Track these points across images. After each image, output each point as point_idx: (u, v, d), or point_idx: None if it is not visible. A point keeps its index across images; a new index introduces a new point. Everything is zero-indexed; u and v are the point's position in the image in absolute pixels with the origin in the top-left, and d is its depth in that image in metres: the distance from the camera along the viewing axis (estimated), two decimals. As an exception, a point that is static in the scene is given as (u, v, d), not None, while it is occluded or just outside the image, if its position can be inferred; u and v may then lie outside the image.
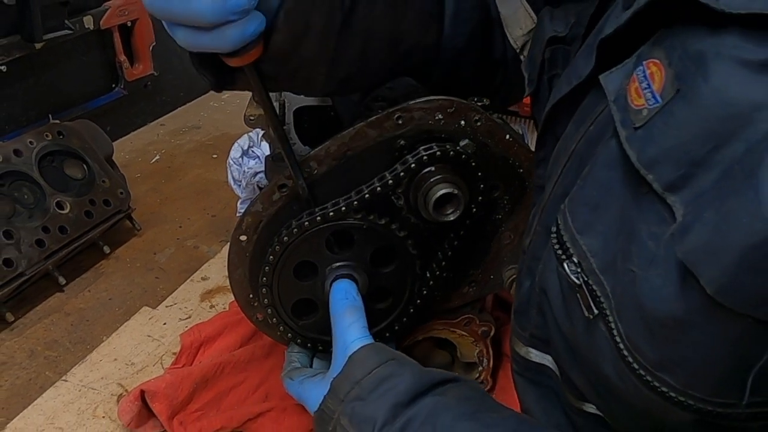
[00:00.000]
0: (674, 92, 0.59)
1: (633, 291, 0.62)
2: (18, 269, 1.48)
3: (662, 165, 0.59)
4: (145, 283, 1.65)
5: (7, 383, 1.34)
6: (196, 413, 1.22)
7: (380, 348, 0.99)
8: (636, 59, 0.66)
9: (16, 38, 1.85)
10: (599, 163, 0.71)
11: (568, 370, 0.82)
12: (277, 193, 1.02)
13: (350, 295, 1.05)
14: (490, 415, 0.86)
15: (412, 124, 1.02)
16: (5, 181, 1.55)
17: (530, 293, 0.88)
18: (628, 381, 0.66)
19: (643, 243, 0.61)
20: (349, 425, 0.91)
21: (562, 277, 0.74)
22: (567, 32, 0.96)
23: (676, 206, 0.57)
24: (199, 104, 2.70)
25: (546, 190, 0.85)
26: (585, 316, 0.70)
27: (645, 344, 0.63)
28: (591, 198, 0.71)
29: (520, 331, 0.92)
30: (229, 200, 1.91)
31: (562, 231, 0.73)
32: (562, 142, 0.83)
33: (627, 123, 0.64)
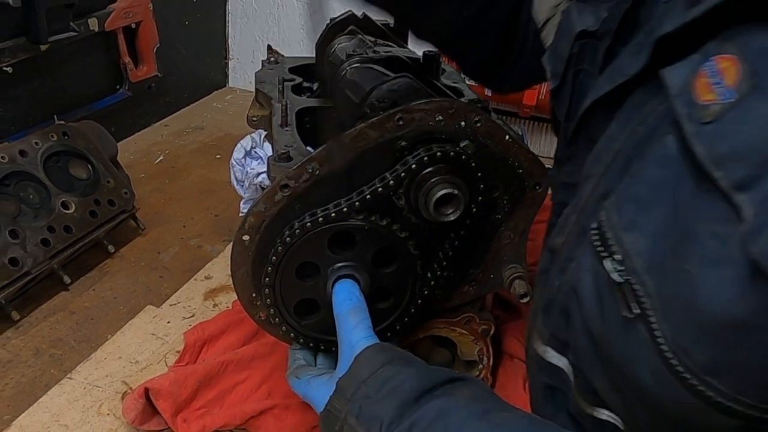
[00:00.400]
0: (750, 88, 0.58)
1: (687, 291, 0.61)
2: (23, 268, 1.48)
3: (733, 162, 0.58)
4: (149, 282, 1.65)
5: (13, 381, 1.34)
6: (199, 411, 1.22)
7: (386, 347, 0.98)
8: (703, 55, 0.65)
9: (22, 40, 1.85)
10: (651, 160, 0.70)
11: (589, 372, 0.81)
12: (280, 194, 1.02)
13: (353, 295, 1.04)
14: (499, 415, 0.85)
15: (413, 125, 1.01)
16: (11, 181, 1.55)
17: (558, 293, 0.88)
18: (668, 384, 0.65)
19: (702, 242, 0.60)
20: (356, 424, 0.90)
21: (600, 275, 0.73)
22: (597, 27, 0.94)
23: (744, 205, 0.56)
24: (202, 105, 2.70)
25: (583, 189, 0.84)
26: (623, 316, 0.69)
27: (695, 347, 0.62)
28: (640, 195, 0.70)
29: (543, 329, 0.92)
30: (232, 200, 1.91)
31: (605, 228, 0.72)
32: (604, 140, 0.82)
33: (693, 118, 0.63)
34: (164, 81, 2.47)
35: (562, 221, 0.89)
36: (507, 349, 1.36)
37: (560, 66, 0.99)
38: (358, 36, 1.32)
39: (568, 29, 0.99)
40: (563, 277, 0.86)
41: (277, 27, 2.75)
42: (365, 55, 1.23)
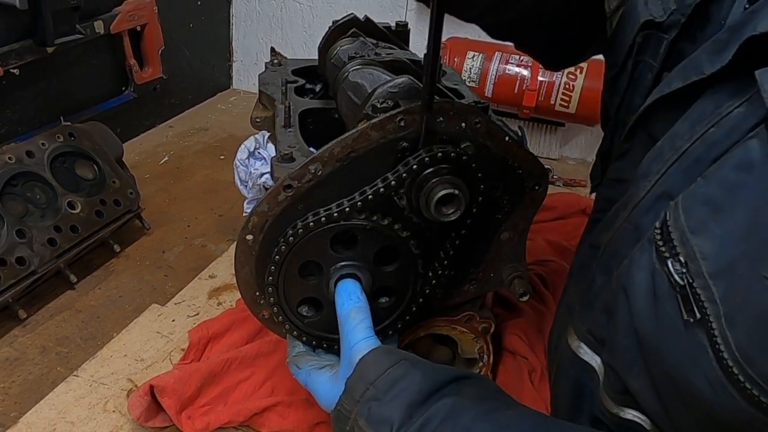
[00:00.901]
0: None
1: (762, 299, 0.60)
2: (30, 267, 1.48)
3: None
4: (155, 280, 1.65)
5: (20, 378, 1.34)
6: (203, 408, 1.22)
7: (391, 350, 0.99)
8: None
9: (29, 42, 1.85)
10: (729, 164, 0.68)
11: (625, 372, 0.80)
12: (283, 194, 1.02)
13: (355, 295, 1.04)
14: (506, 414, 0.85)
15: (414, 126, 1.01)
16: (18, 182, 1.55)
17: (602, 289, 0.86)
18: (723, 392, 0.64)
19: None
20: (366, 426, 0.90)
21: (660, 276, 0.71)
22: (665, 18, 0.92)
23: None
24: (206, 107, 2.70)
25: (638, 187, 0.83)
26: (683, 320, 0.67)
27: (763, 356, 0.60)
28: (713, 197, 0.68)
29: (580, 324, 0.91)
30: (235, 200, 1.91)
31: (671, 228, 0.71)
32: (668, 139, 0.80)
33: None
34: (169, 83, 2.47)
35: (610, 217, 0.87)
36: (507, 346, 1.36)
37: (620, 55, 0.97)
38: (360, 38, 1.32)
39: (633, 18, 0.97)
40: (608, 274, 0.85)
41: (280, 30, 2.75)
42: (367, 58, 1.23)
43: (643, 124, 0.89)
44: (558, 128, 2.43)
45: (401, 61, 1.22)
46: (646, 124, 0.89)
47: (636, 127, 0.90)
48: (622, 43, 0.98)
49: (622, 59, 0.97)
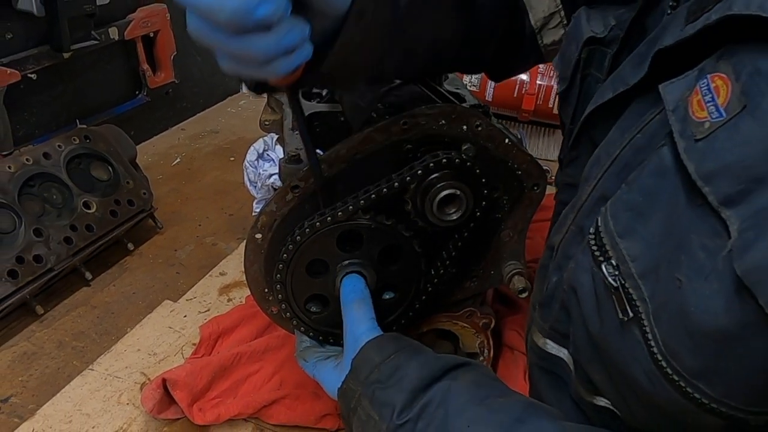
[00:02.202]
0: (740, 108, 0.57)
1: (678, 299, 0.61)
2: (47, 265, 1.48)
3: (721, 179, 0.57)
4: (167, 278, 1.65)
5: (38, 372, 1.34)
6: (214, 400, 1.22)
7: (396, 336, 1.00)
8: (699, 72, 0.64)
9: (46, 48, 1.85)
10: (648, 170, 0.69)
11: (586, 366, 0.81)
12: (291, 194, 1.02)
13: (358, 288, 1.05)
14: (497, 401, 0.85)
15: (417, 129, 1.01)
16: (35, 183, 1.56)
17: (556, 289, 0.87)
18: (659, 385, 0.65)
19: (693, 253, 0.60)
20: (369, 407, 0.91)
21: (598, 278, 0.72)
22: (606, 34, 0.93)
23: (730, 221, 0.56)
24: (217, 110, 2.70)
25: (582, 191, 0.84)
26: (619, 318, 0.68)
27: (685, 352, 0.61)
28: (635, 203, 0.69)
29: (542, 323, 0.91)
30: (245, 200, 1.91)
31: (602, 233, 0.72)
32: (604, 146, 0.82)
33: (686, 134, 0.62)
34: (181, 87, 2.47)
35: (561, 220, 0.89)
36: (507, 341, 1.36)
37: (568, 70, 0.99)
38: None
39: (577, 35, 0.97)
40: (561, 273, 0.86)
41: (288, 36, 2.73)
42: (372, 63, 1.23)
43: (586, 133, 0.90)
44: (556, 131, 2.42)
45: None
46: (589, 132, 0.90)
47: (580, 135, 0.92)
48: (569, 58, 0.99)
49: (571, 73, 0.98)
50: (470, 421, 0.83)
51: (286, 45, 0.72)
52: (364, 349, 0.97)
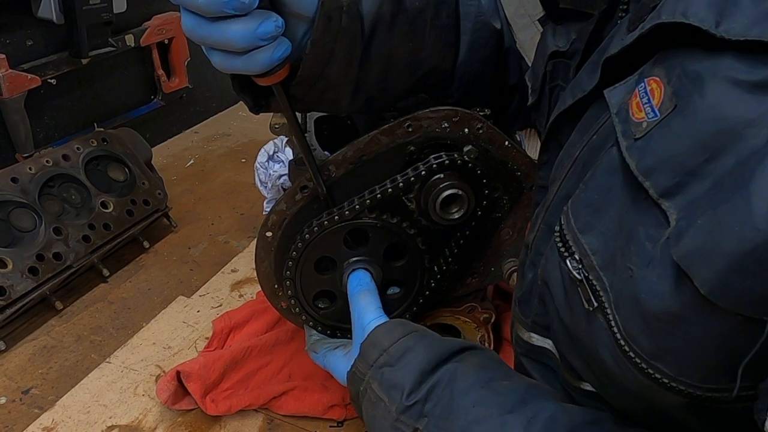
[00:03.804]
0: (672, 107, 0.59)
1: (630, 287, 0.62)
2: (66, 262, 1.48)
3: (658, 173, 0.59)
4: (181, 274, 1.65)
5: (57, 365, 1.35)
6: (226, 392, 1.22)
7: (403, 321, 1.00)
8: (638, 76, 0.66)
9: (65, 54, 1.86)
10: (601, 169, 0.71)
11: (567, 354, 0.82)
12: (300, 194, 1.02)
13: (364, 281, 1.05)
14: (502, 383, 0.86)
15: (421, 132, 1.02)
16: (55, 183, 1.56)
17: (533, 284, 0.88)
18: (624, 367, 0.66)
19: (641, 244, 0.61)
20: (379, 389, 0.91)
21: (564, 272, 0.73)
22: (568, 47, 0.95)
23: (670, 211, 0.57)
24: (229, 114, 2.70)
25: (550, 191, 0.85)
26: (585, 308, 0.69)
27: (641, 335, 0.63)
28: (592, 200, 0.71)
29: (523, 318, 0.92)
30: (256, 200, 1.91)
31: (565, 230, 0.73)
32: (566, 148, 0.83)
33: (628, 134, 0.64)
34: (194, 92, 2.48)
35: (534, 219, 0.90)
36: (506, 335, 1.36)
37: (537, 82, 1.00)
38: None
39: (543, 49, 0.99)
40: (536, 270, 0.87)
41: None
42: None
43: (554, 137, 0.92)
44: (554, 133, 2.42)
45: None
46: (556, 137, 0.91)
47: (548, 140, 0.93)
48: (537, 72, 1.01)
49: (539, 85, 0.99)
50: (475, 402, 0.84)
51: (261, 33, 0.78)
52: (372, 334, 0.98)
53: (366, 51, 0.94)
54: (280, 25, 0.80)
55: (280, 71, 0.84)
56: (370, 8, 0.92)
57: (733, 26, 0.53)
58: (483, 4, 1.09)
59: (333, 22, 0.87)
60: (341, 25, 0.88)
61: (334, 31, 0.88)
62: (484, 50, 1.09)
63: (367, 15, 0.92)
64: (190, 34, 0.79)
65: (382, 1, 0.93)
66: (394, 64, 0.99)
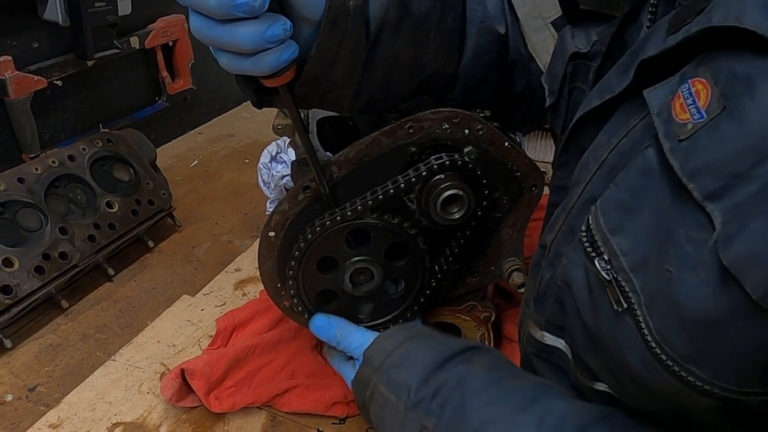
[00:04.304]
0: (720, 109, 0.58)
1: (668, 289, 0.61)
2: (72, 261, 1.48)
3: (704, 175, 0.58)
4: (185, 273, 1.65)
5: (63, 363, 1.35)
6: (230, 389, 1.23)
7: (406, 326, 1.02)
8: (680, 78, 0.65)
9: (70, 56, 1.86)
10: (634, 170, 0.70)
11: (584, 354, 0.82)
12: (302, 194, 1.02)
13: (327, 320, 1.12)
14: (512, 382, 0.87)
15: (422, 133, 1.02)
16: (61, 183, 1.56)
17: (549, 284, 0.88)
18: (653, 370, 0.65)
19: (680, 246, 0.60)
20: (386, 390, 0.92)
21: (591, 272, 0.73)
22: (589, 49, 0.95)
23: (714, 214, 0.57)
24: (232, 115, 2.70)
25: (572, 192, 0.84)
26: (613, 310, 0.69)
27: (676, 338, 0.62)
28: (624, 201, 0.70)
29: (537, 317, 0.92)
30: (259, 200, 1.91)
31: (594, 230, 0.73)
32: (591, 150, 0.83)
33: (671, 135, 0.63)
34: (198, 93, 2.48)
35: (553, 220, 0.89)
36: (506, 333, 1.36)
37: (556, 84, 1.00)
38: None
39: (562, 51, 0.99)
40: (554, 270, 0.87)
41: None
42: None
43: (575, 139, 0.91)
44: (553, 134, 2.42)
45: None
46: (577, 138, 0.91)
47: (569, 142, 0.93)
48: (556, 73, 1.00)
49: (558, 87, 0.99)
50: (486, 402, 0.84)
51: (270, 36, 0.78)
52: (376, 341, 0.99)
53: (370, 54, 0.94)
54: (288, 28, 0.80)
55: (286, 73, 0.84)
56: (377, 12, 0.92)
57: None
58: (489, 9, 1.08)
59: (339, 26, 0.87)
60: (347, 29, 0.88)
61: (339, 34, 0.87)
62: (488, 55, 1.09)
63: (374, 19, 0.91)
64: (198, 35, 0.79)
65: (388, 5, 0.92)
66: (397, 67, 0.99)
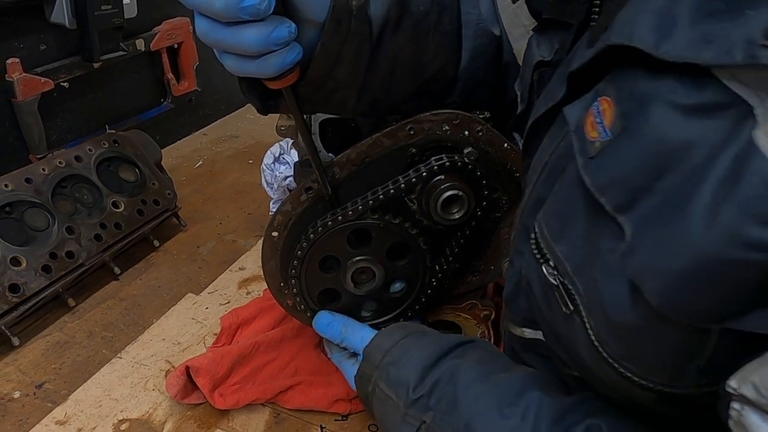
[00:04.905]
0: (621, 129, 0.60)
1: (597, 296, 0.64)
2: (79, 260, 1.48)
3: (611, 190, 0.60)
4: (190, 272, 1.65)
5: (69, 360, 1.35)
6: (234, 386, 1.23)
7: (403, 324, 1.04)
8: (594, 94, 0.67)
9: (77, 59, 1.86)
10: (566, 180, 0.71)
11: (553, 347, 0.83)
12: (304, 195, 1.03)
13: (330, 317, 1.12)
14: (501, 376, 0.88)
15: (422, 134, 1.02)
16: (68, 184, 1.56)
17: (518, 283, 0.89)
18: (601, 365, 0.67)
19: (603, 256, 0.62)
20: (386, 388, 0.94)
21: (542, 277, 0.74)
22: (552, 56, 0.95)
23: (625, 225, 0.58)
24: (236, 116, 2.70)
25: (525, 193, 0.86)
26: (563, 311, 0.71)
27: (610, 339, 0.65)
28: (560, 211, 0.72)
29: (513, 315, 0.93)
30: (262, 200, 1.91)
31: (539, 238, 0.74)
32: (538, 153, 0.84)
33: (583, 152, 0.65)
34: (203, 95, 2.48)
35: (515, 220, 0.90)
36: (506, 332, 1.37)
37: (525, 92, 1.01)
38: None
39: (529, 59, 1.00)
40: (515, 269, 0.88)
41: (303, 46, 2.74)
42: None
43: (532, 142, 0.92)
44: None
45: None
46: (534, 142, 0.91)
47: (527, 145, 0.93)
48: (525, 80, 1.01)
49: (527, 93, 1.00)
50: (476, 396, 0.86)
51: (275, 38, 0.78)
52: (375, 338, 1.00)
53: (373, 53, 0.94)
54: (293, 30, 0.80)
55: (290, 75, 0.84)
56: (378, 12, 0.92)
57: (671, 48, 0.54)
58: (483, 12, 1.08)
59: (342, 25, 0.87)
60: (350, 28, 0.88)
61: (343, 33, 0.88)
62: (484, 57, 1.09)
63: (375, 18, 0.92)
64: (204, 38, 0.79)
65: (389, 5, 0.93)
66: (399, 67, 0.99)
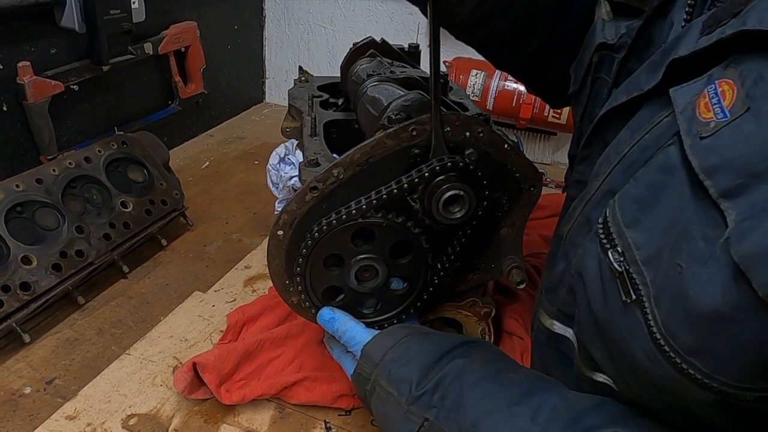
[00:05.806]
0: (744, 110, 0.58)
1: (677, 283, 0.61)
2: (88, 259, 1.48)
3: (721, 173, 0.58)
4: (197, 271, 1.65)
5: (79, 357, 1.35)
6: (240, 382, 1.23)
7: (404, 325, 1.03)
8: (708, 78, 0.65)
9: (86, 62, 1.86)
10: (654, 166, 0.70)
11: (589, 344, 0.82)
12: (309, 195, 1.02)
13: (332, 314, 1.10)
14: (508, 376, 0.87)
15: (425, 135, 1.01)
16: (77, 184, 1.56)
17: (563, 274, 0.88)
18: (656, 362, 0.65)
19: (694, 242, 0.60)
20: (387, 385, 0.93)
21: (604, 264, 0.73)
22: (616, 41, 0.95)
23: (728, 212, 0.57)
24: (242, 118, 2.70)
25: (591, 185, 0.84)
26: (622, 300, 0.69)
27: (681, 331, 0.62)
28: (642, 196, 0.70)
29: (549, 305, 0.92)
30: (268, 200, 1.91)
31: (610, 223, 0.73)
32: (614, 145, 0.82)
33: (692, 132, 0.63)
34: (210, 97, 2.48)
35: (570, 212, 0.89)
36: (506, 328, 1.36)
37: (581, 73, 1.00)
38: (377, 58, 1.32)
39: (591, 41, 0.99)
40: (569, 260, 0.87)
41: (307, 51, 2.74)
42: (383, 75, 1.23)
43: (599, 132, 0.91)
44: (551, 137, 2.42)
45: (413, 78, 1.22)
46: (601, 132, 0.91)
47: (593, 135, 0.93)
48: (582, 62, 1.01)
49: (583, 75, 0.99)
50: (484, 394, 0.85)
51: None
52: (376, 337, 0.99)
53: None
54: None
55: None
56: None
57: None
58: None
59: None
60: None
61: None
62: None
63: None
64: None
65: None
66: None
